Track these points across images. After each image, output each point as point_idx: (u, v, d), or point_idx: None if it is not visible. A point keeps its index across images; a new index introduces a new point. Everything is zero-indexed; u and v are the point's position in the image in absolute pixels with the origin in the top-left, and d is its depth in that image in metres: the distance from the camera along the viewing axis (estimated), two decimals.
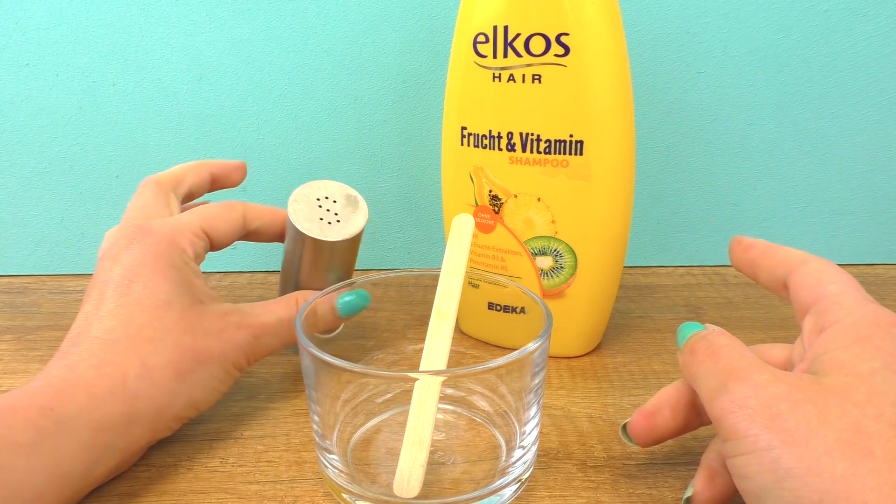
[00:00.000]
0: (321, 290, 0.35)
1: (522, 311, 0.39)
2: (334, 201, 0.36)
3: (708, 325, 0.26)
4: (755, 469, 0.20)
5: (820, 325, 0.24)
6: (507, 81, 0.35)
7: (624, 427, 0.28)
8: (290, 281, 0.37)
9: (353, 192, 0.37)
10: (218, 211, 0.34)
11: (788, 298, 0.27)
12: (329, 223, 0.35)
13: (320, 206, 0.36)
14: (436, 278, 0.30)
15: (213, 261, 0.55)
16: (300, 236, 0.35)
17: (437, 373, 0.28)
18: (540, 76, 0.35)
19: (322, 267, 0.36)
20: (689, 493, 0.25)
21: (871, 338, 0.22)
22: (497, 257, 0.39)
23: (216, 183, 0.40)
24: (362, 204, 0.37)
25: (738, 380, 0.22)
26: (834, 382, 0.21)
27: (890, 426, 0.19)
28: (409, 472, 0.26)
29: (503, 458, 0.30)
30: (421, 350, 0.38)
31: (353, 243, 0.36)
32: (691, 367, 0.25)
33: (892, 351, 0.21)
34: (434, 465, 0.29)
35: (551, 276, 0.38)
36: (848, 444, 0.19)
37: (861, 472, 0.18)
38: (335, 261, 0.36)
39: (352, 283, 0.34)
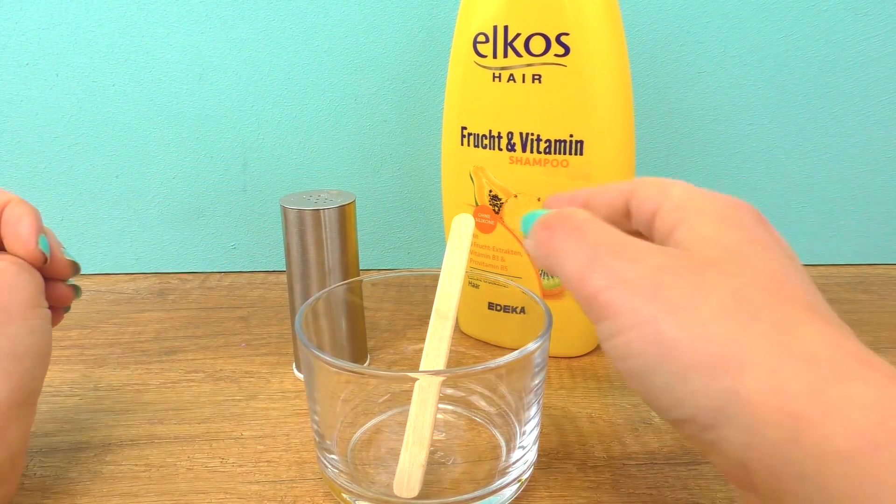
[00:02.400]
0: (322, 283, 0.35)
1: (522, 311, 0.39)
2: (326, 198, 0.36)
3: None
4: (638, 346, 0.19)
5: (672, 221, 0.22)
6: (507, 81, 0.35)
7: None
8: (296, 278, 0.37)
9: (345, 192, 0.37)
10: None
11: (631, 226, 0.25)
12: (316, 202, 0.35)
13: (310, 199, 0.36)
14: (436, 278, 0.30)
15: (213, 261, 0.55)
16: (293, 216, 0.35)
17: (437, 373, 0.28)
18: (540, 76, 0.35)
19: (321, 249, 0.36)
20: None
21: (730, 216, 0.21)
22: (497, 257, 0.39)
23: None
24: (353, 195, 0.37)
25: (612, 253, 0.20)
26: (707, 255, 0.20)
27: (766, 292, 0.19)
28: (408, 472, 0.26)
29: (503, 458, 0.30)
30: (421, 350, 0.38)
31: (345, 216, 0.36)
32: (549, 245, 0.22)
33: (750, 227, 0.21)
34: (434, 465, 0.29)
35: (551, 276, 0.38)
36: (732, 309, 0.18)
37: (750, 334, 0.18)
38: (331, 240, 0.36)
39: None
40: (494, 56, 0.35)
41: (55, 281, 0.30)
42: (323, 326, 0.34)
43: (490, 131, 0.37)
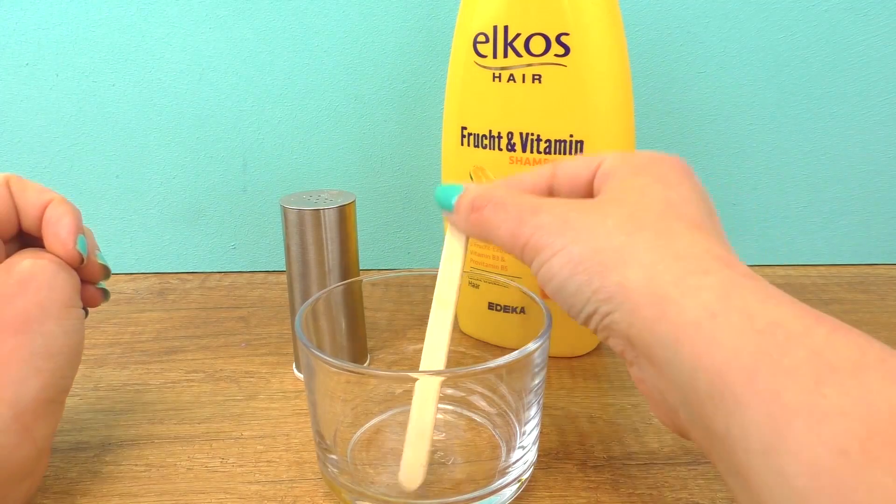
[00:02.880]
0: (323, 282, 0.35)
1: (522, 311, 0.39)
2: (326, 198, 0.36)
3: (466, 184, 0.28)
4: (556, 268, 0.23)
5: (599, 184, 0.26)
6: (507, 81, 0.35)
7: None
8: (296, 278, 0.37)
9: (345, 192, 0.37)
10: None
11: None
12: (316, 202, 0.35)
13: (310, 199, 0.36)
14: (435, 278, 0.30)
15: (213, 261, 0.55)
16: (293, 216, 0.35)
17: (437, 373, 0.28)
18: (540, 76, 0.35)
19: (321, 249, 0.36)
20: None
21: (647, 167, 0.25)
22: (497, 257, 0.39)
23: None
24: (353, 195, 0.37)
25: (531, 211, 0.25)
26: (611, 194, 0.25)
27: (655, 213, 0.23)
28: (412, 463, 0.26)
29: (503, 458, 0.30)
30: (421, 350, 0.38)
31: (345, 216, 0.36)
32: (480, 221, 0.26)
33: (663, 172, 0.25)
34: (434, 465, 0.29)
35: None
36: (623, 225, 0.23)
37: (635, 241, 0.22)
38: (331, 240, 0.36)
39: None
40: (494, 56, 0.35)
41: (87, 283, 0.31)
42: (323, 326, 0.34)
43: (490, 131, 0.37)
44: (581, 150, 0.35)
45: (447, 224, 0.29)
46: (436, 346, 0.28)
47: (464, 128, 0.38)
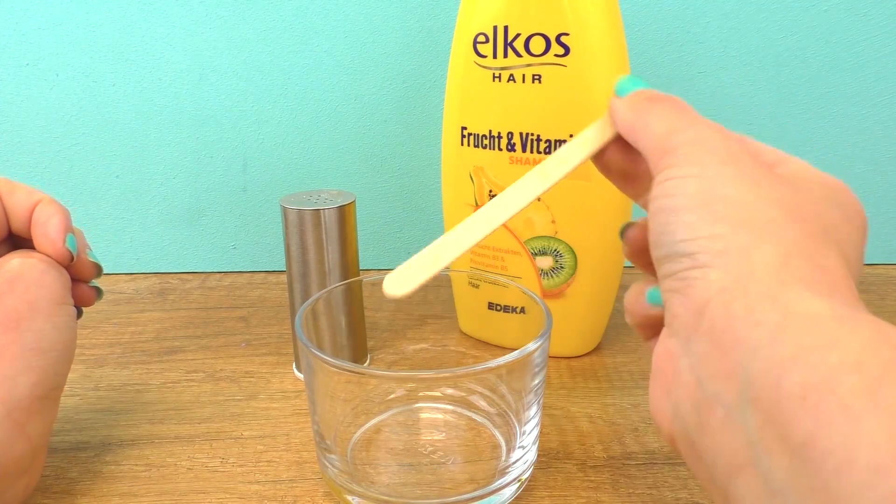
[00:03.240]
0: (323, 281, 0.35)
1: (522, 311, 0.39)
2: (326, 198, 0.36)
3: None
4: (692, 188, 0.20)
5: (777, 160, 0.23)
6: (507, 81, 0.35)
7: (623, 230, 0.26)
8: (296, 278, 0.37)
9: (345, 192, 0.38)
10: None
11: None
12: (316, 202, 0.36)
13: (310, 199, 0.36)
14: (435, 278, 0.30)
15: (213, 261, 0.55)
16: (293, 216, 0.35)
17: (437, 373, 0.28)
18: (540, 76, 0.35)
19: (321, 249, 0.36)
20: (630, 222, 0.26)
21: (836, 190, 0.22)
22: (497, 257, 0.39)
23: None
24: (353, 195, 0.37)
25: (708, 125, 0.22)
26: (792, 172, 0.22)
27: (822, 227, 0.20)
28: (414, 269, 0.24)
29: (503, 458, 0.30)
30: (421, 350, 0.38)
31: (345, 216, 0.36)
32: (647, 109, 0.23)
33: (841, 205, 0.21)
34: (434, 465, 0.29)
35: (551, 276, 0.38)
36: (784, 203, 0.20)
37: (789, 224, 0.19)
38: (331, 240, 0.36)
39: None
40: (494, 56, 0.35)
41: (79, 282, 0.31)
42: (323, 326, 0.34)
43: (490, 131, 0.37)
44: None
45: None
46: (508, 201, 0.25)
47: (464, 128, 0.38)
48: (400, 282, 0.24)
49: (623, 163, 0.26)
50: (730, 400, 0.18)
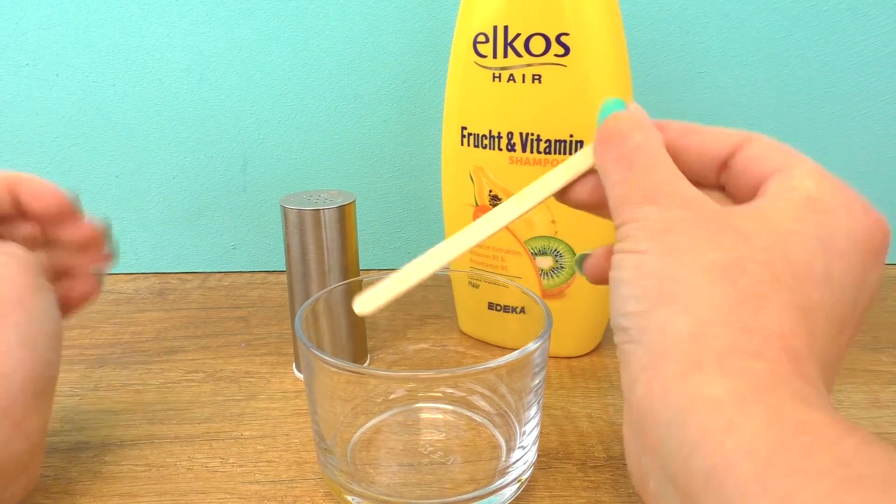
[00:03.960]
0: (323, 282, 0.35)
1: (522, 311, 0.39)
2: (326, 198, 0.36)
3: (631, 105, 0.25)
4: (630, 265, 0.21)
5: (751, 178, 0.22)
6: (507, 81, 0.35)
7: (579, 260, 0.28)
8: (296, 278, 0.37)
9: (345, 192, 0.38)
10: None
11: (719, 181, 0.24)
12: (316, 202, 0.36)
13: (310, 199, 0.36)
14: (435, 278, 0.30)
15: (213, 261, 0.55)
16: (293, 216, 0.35)
17: (437, 373, 0.28)
18: (540, 76, 0.35)
19: (321, 249, 0.36)
20: (585, 252, 0.27)
21: (829, 209, 0.20)
22: (497, 257, 0.39)
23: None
24: (353, 195, 0.37)
25: (648, 200, 0.21)
26: (744, 225, 0.20)
27: (776, 287, 0.19)
28: (382, 290, 0.25)
29: (503, 458, 0.30)
30: (421, 350, 0.38)
31: (345, 216, 0.36)
32: (601, 157, 0.24)
33: (838, 237, 0.20)
34: (434, 465, 0.29)
35: (551, 276, 0.38)
36: (720, 269, 0.19)
37: (722, 294, 0.19)
38: (331, 240, 0.36)
39: None
40: (494, 56, 0.35)
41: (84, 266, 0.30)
42: (323, 326, 0.34)
43: (490, 131, 0.37)
44: None
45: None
46: (483, 225, 0.26)
47: (464, 128, 0.38)
48: (366, 303, 0.26)
49: (590, 198, 0.26)
50: (656, 475, 0.19)
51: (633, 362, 0.20)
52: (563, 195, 0.27)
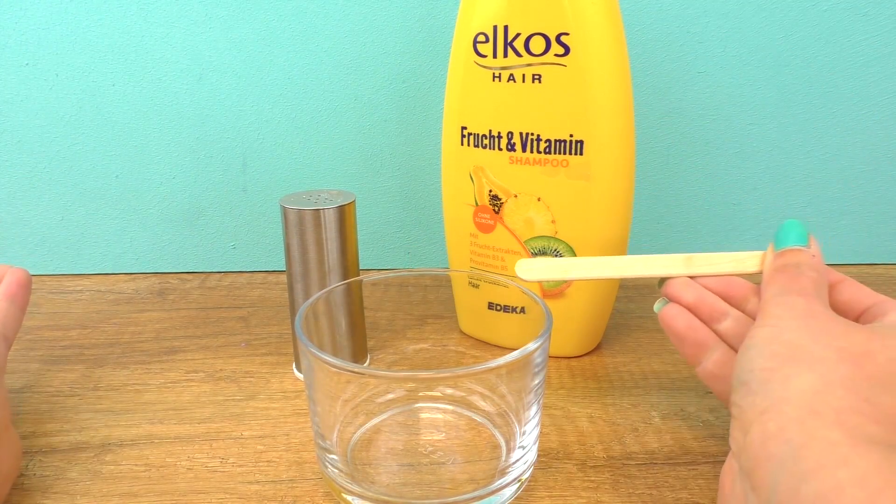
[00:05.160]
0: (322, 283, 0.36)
1: (522, 311, 0.39)
2: (326, 198, 0.36)
3: (812, 245, 0.27)
4: (764, 335, 0.24)
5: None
6: (507, 81, 0.35)
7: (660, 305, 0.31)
8: (296, 278, 0.37)
9: (345, 192, 0.38)
10: None
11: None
12: (316, 202, 0.36)
13: (310, 199, 0.36)
14: (435, 278, 0.30)
15: (213, 261, 0.55)
16: (293, 216, 0.35)
17: (437, 373, 0.28)
18: (540, 76, 0.35)
19: (321, 249, 0.36)
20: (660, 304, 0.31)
21: None
22: (497, 257, 0.39)
23: None
24: (353, 195, 0.37)
25: (800, 295, 0.25)
26: (877, 329, 0.23)
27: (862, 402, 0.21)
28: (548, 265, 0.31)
29: (503, 458, 0.30)
30: (421, 350, 0.38)
31: (345, 216, 0.36)
32: (772, 281, 0.26)
33: None
34: (434, 464, 0.29)
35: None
36: (850, 353, 0.22)
37: (844, 367, 0.21)
38: (331, 240, 0.36)
39: None
40: (494, 56, 0.35)
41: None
42: (323, 326, 0.34)
43: (490, 131, 0.37)
44: (581, 151, 0.35)
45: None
46: (650, 263, 0.31)
47: (464, 128, 0.38)
48: (528, 271, 0.31)
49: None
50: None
51: (750, 410, 0.22)
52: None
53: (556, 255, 0.38)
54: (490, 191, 0.38)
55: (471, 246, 0.40)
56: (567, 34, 0.33)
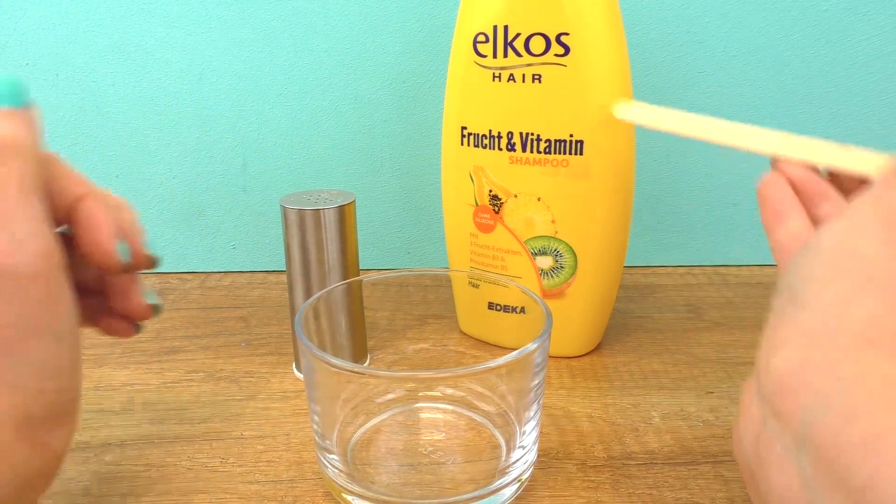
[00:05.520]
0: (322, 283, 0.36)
1: (522, 311, 0.39)
2: (326, 198, 0.36)
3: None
4: (830, 236, 0.20)
5: None
6: (507, 81, 0.35)
7: None
8: (296, 278, 0.37)
9: (345, 192, 0.38)
10: None
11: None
12: (316, 202, 0.36)
13: (310, 199, 0.36)
14: (435, 278, 0.30)
15: (213, 261, 0.55)
16: (293, 216, 0.35)
17: (437, 373, 0.28)
18: (540, 76, 0.35)
19: (321, 249, 0.36)
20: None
21: None
22: (497, 257, 0.39)
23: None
24: (353, 195, 0.37)
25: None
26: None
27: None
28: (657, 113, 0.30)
29: (503, 458, 0.30)
30: (421, 350, 0.38)
31: (345, 216, 0.36)
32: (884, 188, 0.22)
33: None
34: (434, 465, 0.29)
35: (551, 276, 0.38)
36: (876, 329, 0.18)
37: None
38: (331, 240, 0.36)
39: None
40: (494, 56, 0.35)
41: (130, 288, 0.28)
42: (323, 326, 0.34)
43: (490, 131, 0.37)
44: (581, 151, 0.35)
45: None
46: (751, 133, 0.28)
47: (464, 128, 0.38)
48: (627, 112, 0.30)
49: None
50: (787, 441, 0.18)
51: (790, 325, 0.19)
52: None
53: (555, 255, 0.38)
54: (490, 191, 0.38)
55: (471, 246, 0.40)
56: (567, 34, 0.33)
